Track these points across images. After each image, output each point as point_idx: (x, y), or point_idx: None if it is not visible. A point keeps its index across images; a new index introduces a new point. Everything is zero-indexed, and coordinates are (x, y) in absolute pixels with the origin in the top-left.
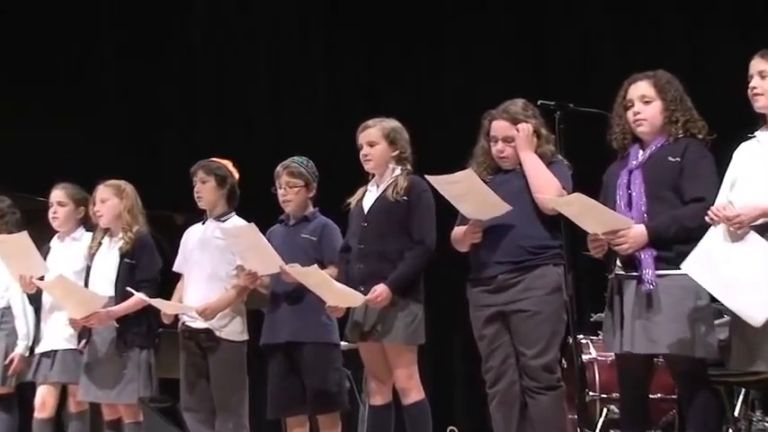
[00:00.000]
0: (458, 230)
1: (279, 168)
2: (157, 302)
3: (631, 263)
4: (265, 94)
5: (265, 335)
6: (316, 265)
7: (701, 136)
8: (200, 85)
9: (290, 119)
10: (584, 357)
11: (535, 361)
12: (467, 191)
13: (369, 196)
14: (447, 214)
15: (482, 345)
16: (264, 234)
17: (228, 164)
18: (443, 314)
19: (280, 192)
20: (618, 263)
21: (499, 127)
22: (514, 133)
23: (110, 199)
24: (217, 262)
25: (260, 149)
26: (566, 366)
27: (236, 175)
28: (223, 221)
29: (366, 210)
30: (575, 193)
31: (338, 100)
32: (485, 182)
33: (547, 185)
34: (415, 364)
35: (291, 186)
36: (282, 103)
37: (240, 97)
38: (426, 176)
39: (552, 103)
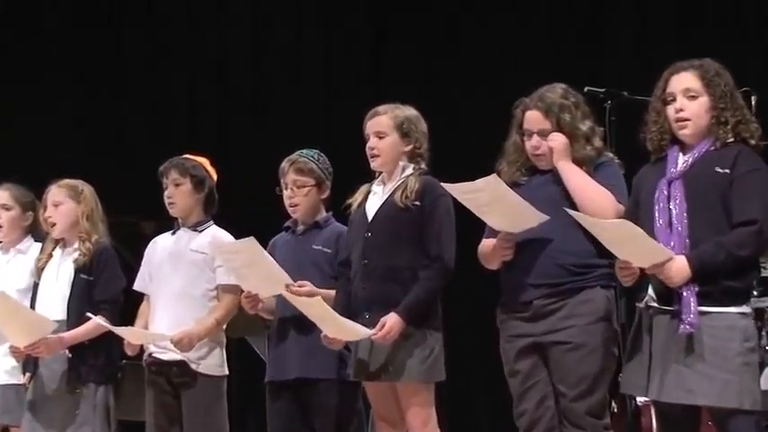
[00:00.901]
0: (486, 244)
1: (284, 164)
2: (122, 330)
3: (667, 294)
4: (250, 79)
5: (271, 370)
6: (319, 297)
7: (753, 141)
8: (173, 69)
9: (280, 106)
10: (639, 400)
11: (578, 403)
12: (492, 200)
13: (373, 199)
14: (471, 222)
15: (514, 383)
16: (265, 246)
17: (206, 162)
18: (465, 345)
19: (286, 193)
20: (651, 292)
21: (533, 118)
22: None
23: (64, 202)
24: (192, 280)
25: (241, 145)
26: (616, 411)
27: (215, 177)
28: (199, 231)
29: (370, 216)
30: (619, 221)
31: (335, 83)
32: (518, 185)
33: (598, 201)
34: (432, 405)
35: (300, 186)
36: (270, 88)
37: (219, 83)
38: (443, 185)
39: (602, 90)
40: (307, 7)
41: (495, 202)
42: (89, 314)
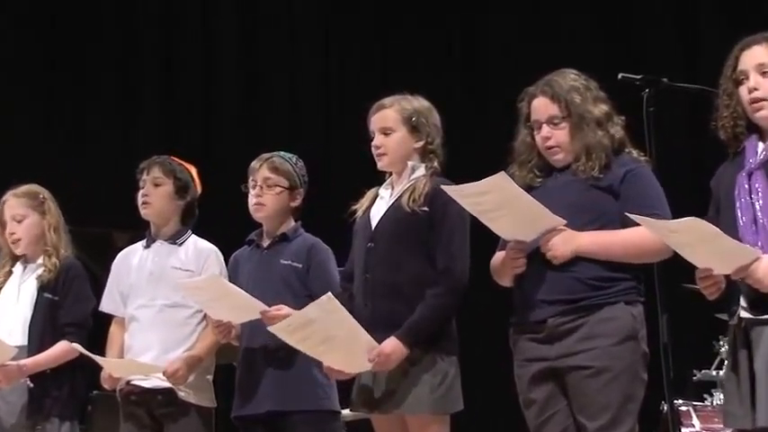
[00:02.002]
0: (498, 257)
1: (255, 162)
2: (106, 361)
3: (764, 301)
4: (234, 72)
5: (238, 404)
6: (328, 295)
7: None
8: (146, 61)
9: (269, 105)
10: None
11: None
12: (501, 204)
13: (379, 204)
14: (484, 231)
15: (530, 414)
16: (226, 262)
17: (193, 170)
18: (478, 370)
19: (252, 193)
20: (743, 302)
21: (540, 106)
22: (561, 113)
23: (28, 215)
24: (177, 300)
25: (227, 151)
26: None
27: (200, 189)
28: (179, 244)
29: (374, 224)
30: (688, 219)
31: (334, 78)
32: (532, 188)
33: (641, 246)
34: None
35: (270, 186)
36: (256, 85)
37: (200, 78)
38: (443, 188)
39: (638, 77)
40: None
41: (503, 205)
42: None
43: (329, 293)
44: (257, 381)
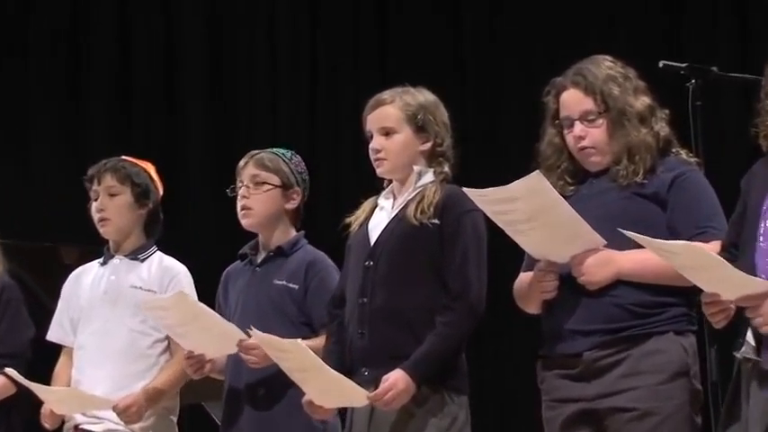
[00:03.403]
0: (523, 280)
1: (244, 159)
2: (47, 392)
3: None
4: (200, 62)
5: None
6: (299, 340)
7: None
8: (98, 47)
9: (242, 100)
10: None
11: None
12: (533, 213)
13: (379, 216)
14: (504, 246)
15: None
16: (217, 280)
17: (150, 168)
18: (494, 412)
19: (239, 193)
20: (749, 338)
21: (572, 99)
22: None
23: None
24: (136, 326)
25: (193, 146)
26: None
27: (161, 189)
28: (141, 260)
29: (373, 239)
30: (684, 244)
31: (322, 68)
32: (564, 197)
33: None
34: None
35: (258, 183)
36: (233, 72)
37: (160, 69)
38: (465, 190)
39: (683, 65)
40: None
41: (536, 216)
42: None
43: (298, 341)
44: (242, 422)
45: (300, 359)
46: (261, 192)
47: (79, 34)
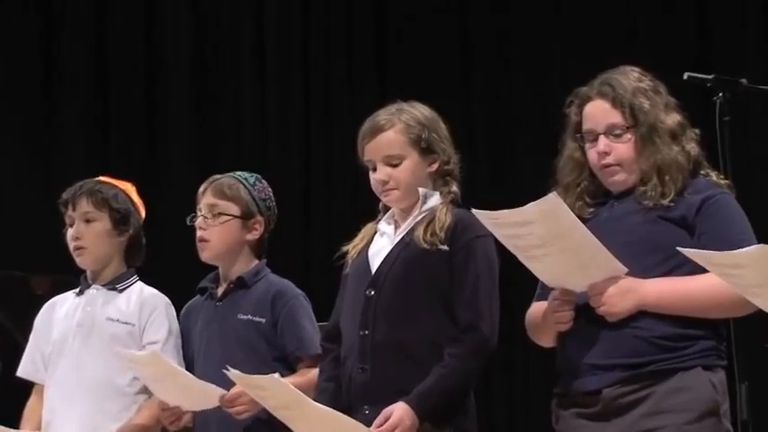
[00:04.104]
0: (537, 309)
1: (203, 185)
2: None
3: None
4: (185, 77)
5: None
6: (277, 374)
7: None
8: (72, 56)
9: (229, 117)
10: None
11: None
12: (549, 238)
13: (380, 242)
14: (513, 277)
15: None
16: (178, 315)
17: (131, 190)
18: None
19: (197, 224)
20: None
21: (597, 111)
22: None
23: None
24: (112, 363)
25: (177, 165)
26: None
27: (143, 212)
28: (120, 291)
29: (375, 266)
30: (759, 247)
31: (315, 82)
32: (581, 220)
33: (719, 296)
34: None
35: (216, 215)
36: (220, 83)
37: (141, 83)
38: (474, 211)
39: (710, 77)
40: None
41: (552, 241)
42: None
43: (275, 376)
44: None
45: (280, 396)
46: (218, 223)
47: (52, 41)
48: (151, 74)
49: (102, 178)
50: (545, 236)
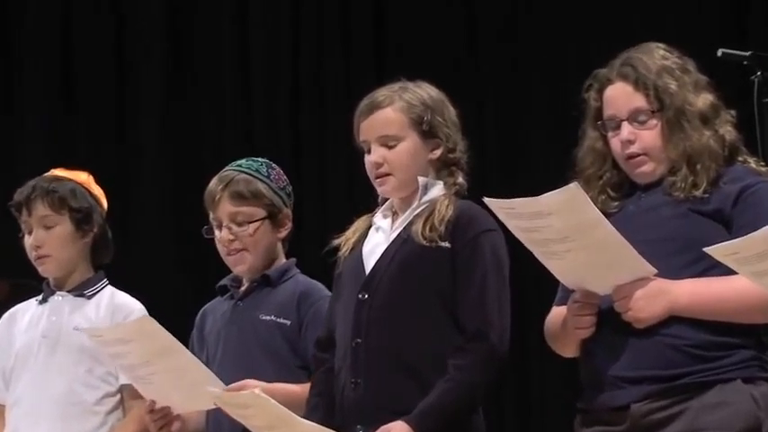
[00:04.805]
0: (557, 315)
1: (213, 185)
2: None
3: None
4: (158, 58)
5: None
6: (259, 389)
7: None
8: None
9: (209, 100)
10: None
11: None
12: (569, 232)
13: (375, 239)
14: (528, 277)
15: None
16: (192, 320)
17: (88, 181)
18: None
19: (220, 236)
20: None
21: (618, 95)
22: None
23: None
24: (80, 377)
25: (148, 151)
26: None
27: (105, 203)
28: (88, 297)
29: (369, 266)
30: None
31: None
32: (605, 214)
33: (759, 297)
34: None
35: (242, 222)
36: (190, 70)
37: (111, 69)
38: (486, 200)
39: (747, 53)
40: None
41: (573, 236)
42: None
43: (255, 391)
44: None
45: (264, 414)
46: (248, 233)
47: (11, 32)
48: (121, 68)
49: (55, 172)
50: (565, 229)
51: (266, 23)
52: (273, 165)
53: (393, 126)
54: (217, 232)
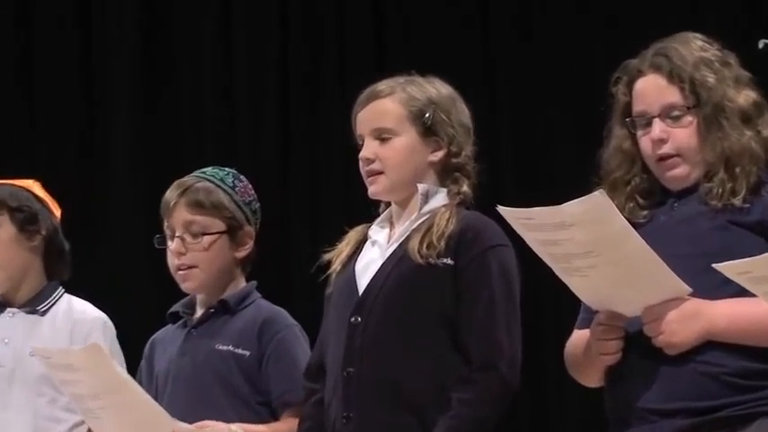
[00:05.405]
0: (578, 339)
1: (169, 191)
2: None
3: None
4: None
5: None
6: (234, 426)
7: None
8: None
9: (188, 97)
10: None
11: None
12: (593, 245)
13: (370, 254)
14: (544, 296)
15: None
16: (144, 348)
17: (34, 186)
18: None
19: (171, 247)
20: None
21: (650, 89)
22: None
23: None
24: (38, 410)
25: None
26: None
27: (58, 212)
28: (42, 312)
29: (362, 285)
30: None
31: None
32: (633, 224)
33: None
34: None
35: (197, 234)
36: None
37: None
38: (500, 209)
39: None
40: None
41: (599, 250)
42: None
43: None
44: None
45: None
46: (201, 247)
47: None
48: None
49: None
50: (589, 243)
51: (250, 16)
52: (242, 177)
53: (389, 118)
54: (169, 243)
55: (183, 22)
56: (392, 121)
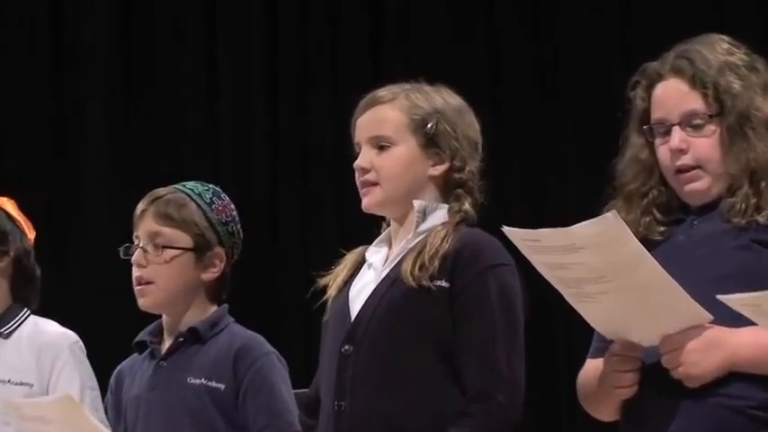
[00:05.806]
0: (591, 369)
1: (141, 202)
2: None
3: None
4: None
5: None
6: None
7: None
8: None
9: (169, 103)
10: None
11: None
12: (605, 269)
13: (366, 278)
14: (553, 320)
15: None
16: (108, 380)
17: (7, 204)
18: None
19: (132, 258)
20: None
21: (670, 94)
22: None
23: None
24: None
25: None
26: None
27: (32, 233)
28: (5, 335)
29: (355, 311)
30: None
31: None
32: (650, 243)
33: None
34: None
35: (159, 247)
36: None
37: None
38: (505, 230)
39: None
40: None
41: (612, 274)
42: None
43: None
44: None
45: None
46: (162, 260)
47: None
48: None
49: None
50: (600, 267)
51: (236, 13)
52: (223, 195)
53: (388, 125)
54: (135, 258)
55: (164, 17)
56: (391, 129)
